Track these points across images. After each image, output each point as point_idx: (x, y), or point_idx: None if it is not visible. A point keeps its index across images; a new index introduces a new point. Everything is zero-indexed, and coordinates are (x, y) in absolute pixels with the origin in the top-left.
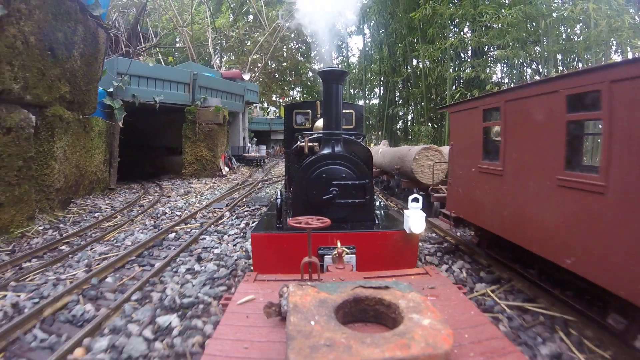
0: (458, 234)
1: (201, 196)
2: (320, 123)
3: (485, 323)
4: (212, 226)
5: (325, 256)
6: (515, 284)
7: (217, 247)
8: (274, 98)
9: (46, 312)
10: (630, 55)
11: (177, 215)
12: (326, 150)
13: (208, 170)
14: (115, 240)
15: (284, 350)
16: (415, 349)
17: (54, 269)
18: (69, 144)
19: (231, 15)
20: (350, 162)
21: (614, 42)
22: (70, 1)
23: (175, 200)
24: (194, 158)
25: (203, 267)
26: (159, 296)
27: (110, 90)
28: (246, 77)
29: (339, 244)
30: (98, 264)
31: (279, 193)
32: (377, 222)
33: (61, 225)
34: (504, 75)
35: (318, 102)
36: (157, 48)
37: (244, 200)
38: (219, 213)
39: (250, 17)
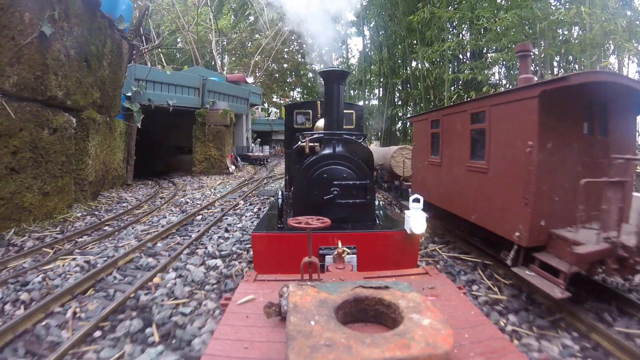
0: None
1: (214, 190)
2: (321, 123)
3: (485, 323)
4: (231, 210)
5: (326, 256)
6: (459, 245)
7: (238, 223)
8: (274, 99)
9: (120, 263)
10: (626, 58)
11: (197, 204)
12: (327, 151)
13: (216, 168)
14: (150, 222)
15: (284, 350)
16: (415, 349)
17: (107, 241)
18: (98, 143)
19: (232, 16)
20: (351, 162)
21: (611, 45)
22: (101, 18)
23: (192, 193)
24: (203, 157)
25: (231, 235)
26: (203, 251)
27: (129, 94)
28: (250, 80)
29: (339, 244)
30: (145, 236)
31: (279, 193)
32: (377, 222)
33: (96, 213)
34: (502, 76)
35: (319, 102)
36: (159, 49)
37: (253, 192)
38: (234, 202)
39: (251, 18)
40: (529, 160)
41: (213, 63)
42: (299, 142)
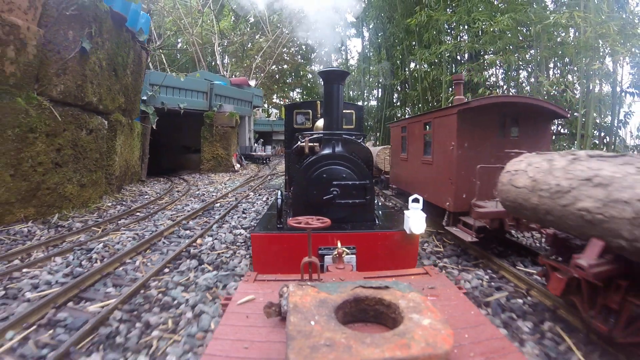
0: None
1: (224, 185)
2: (320, 123)
3: (485, 323)
4: (244, 199)
5: (326, 256)
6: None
7: (252, 208)
8: (275, 99)
9: (165, 234)
10: (620, 59)
11: (213, 195)
12: (327, 151)
13: (223, 166)
14: (177, 209)
15: (284, 350)
16: (415, 349)
17: (145, 222)
18: (122, 143)
19: (232, 17)
20: (351, 163)
21: (607, 48)
22: (126, 32)
23: (204, 188)
24: (211, 156)
25: (248, 215)
26: (227, 225)
27: (144, 98)
28: (252, 83)
29: (339, 244)
30: (177, 218)
31: (279, 193)
32: (377, 222)
33: (123, 203)
34: (499, 78)
35: (318, 102)
36: (160, 50)
37: (260, 186)
38: (245, 193)
39: (251, 19)
40: (452, 154)
41: (213, 64)
42: (299, 142)
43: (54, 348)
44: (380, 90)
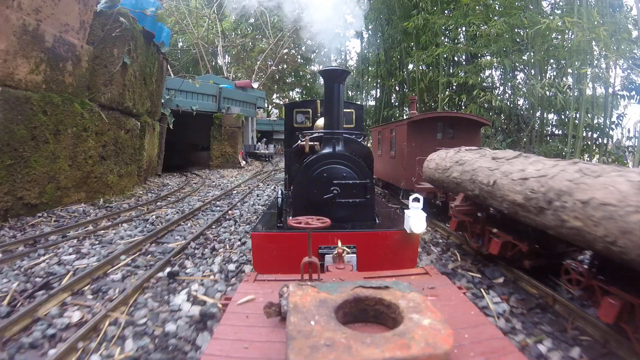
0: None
1: (235, 178)
2: (320, 122)
3: (485, 323)
4: (255, 188)
5: (326, 256)
6: (388, 194)
7: (264, 193)
8: (275, 99)
9: (202, 208)
10: (611, 62)
11: (227, 186)
12: (327, 150)
13: (230, 163)
14: (200, 195)
15: (284, 350)
16: (415, 349)
17: (180, 204)
18: (148, 141)
19: (233, 17)
20: (351, 162)
21: (599, 51)
22: (153, 45)
23: (218, 180)
24: (220, 153)
25: (261, 198)
26: (248, 203)
27: (162, 101)
28: (255, 85)
29: (339, 244)
30: (205, 200)
31: (279, 192)
32: (377, 221)
33: (152, 191)
34: (494, 80)
35: (318, 101)
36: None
37: (266, 179)
38: (255, 184)
39: (252, 19)
40: (404, 150)
41: (213, 63)
42: (299, 141)
43: (157, 261)
44: (378, 90)
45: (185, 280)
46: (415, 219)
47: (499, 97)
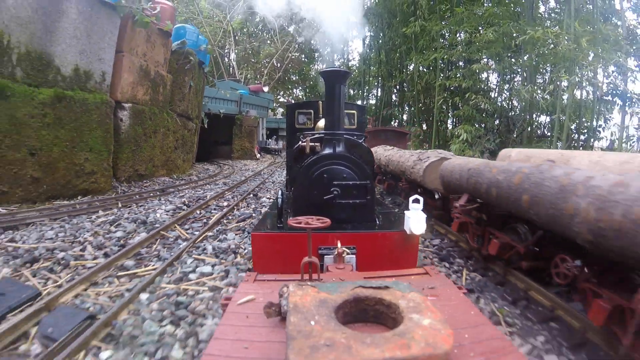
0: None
1: (256, 165)
2: (321, 123)
3: (485, 323)
4: (275, 172)
5: (326, 256)
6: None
7: (281, 176)
8: (280, 98)
9: (233, 188)
10: (600, 66)
11: (255, 169)
12: (327, 150)
13: (248, 155)
14: (238, 176)
15: (284, 350)
16: (415, 349)
17: (226, 179)
18: (195, 137)
19: (239, 15)
20: (352, 163)
21: (586, 57)
22: (199, 66)
23: (245, 167)
24: (240, 147)
25: (280, 176)
26: (270, 180)
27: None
28: (266, 89)
29: (339, 244)
30: (245, 176)
31: (279, 192)
32: (377, 222)
33: (201, 172)
34: (490, 83)
35: (320, 102)
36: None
37: (279, 167)
38: (273, 169)
39: (257, 19)
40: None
41: (228, 66)
42: (300, 142)
43: (244, 193)
44: (378, 89)
45: (260, 197)
46: (416, 219)
47: (493, 100)
